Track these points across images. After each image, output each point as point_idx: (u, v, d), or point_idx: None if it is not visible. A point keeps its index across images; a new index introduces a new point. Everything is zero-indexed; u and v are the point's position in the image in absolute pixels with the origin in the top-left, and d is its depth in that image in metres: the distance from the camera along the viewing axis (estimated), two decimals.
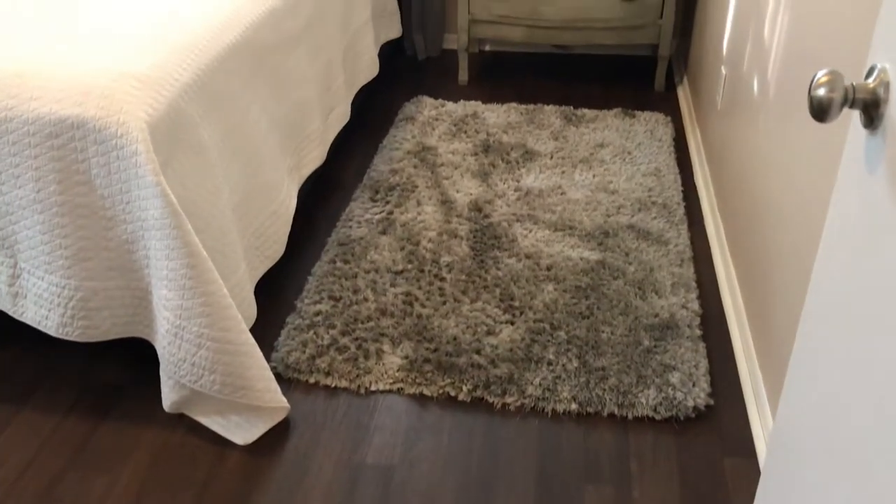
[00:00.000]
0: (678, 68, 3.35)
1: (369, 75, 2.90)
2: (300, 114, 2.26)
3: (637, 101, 3.12)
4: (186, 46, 1.76)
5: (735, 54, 2.25)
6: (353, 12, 2.75)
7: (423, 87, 3.29)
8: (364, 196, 2.47)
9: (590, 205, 2.40)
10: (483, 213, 2.37)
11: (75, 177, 1.59)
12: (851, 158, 0.89)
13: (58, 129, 1.56)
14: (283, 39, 2.15)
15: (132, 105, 1.56)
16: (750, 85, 2.04)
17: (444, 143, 2.76)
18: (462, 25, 3.17)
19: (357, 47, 2.79)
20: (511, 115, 2.95)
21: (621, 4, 3.00)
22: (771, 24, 1.87)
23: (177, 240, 1.57)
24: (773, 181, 1.77)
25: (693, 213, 2.42)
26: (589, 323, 1.94)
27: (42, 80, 1.59)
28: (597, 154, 2.67)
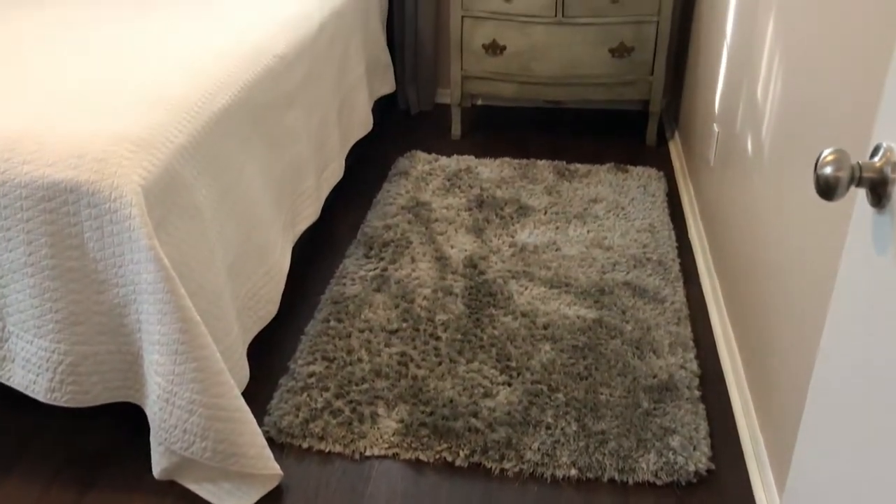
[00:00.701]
0: (669, 123, 3.38)
1: (363, 131, 2.91)
2: (295, 172, 2.25)
3: (629, 156, 3.14)
4: (182, 107, 1.76)
5: (728, 112, 2.26)
6: (348, 69, 2.76)
7: (417, 141, 3.30)
8: (358, 252, 2.46)
9: (585, 261, 2.39)
10: (478, 269, 2.36)
11: (67, 240, 1.57)
12: (858, 237, 0.88)
13: (51, 192, 1.54)
14: (278, 98, 2.15)
15: (127, 168, 1.55)
16: (744, 144, 2.05)
17: (438, 198, 2.75)
18: (455, 81, 3.19)
19: (351, 103, 2.81)
20: (504, 170, 2.96)
21: (612, 61, 3.03)
22: (764, 86, 1.88)
23: (169, 304, 1.54)
24: (769, 241, 1.76)
25: (688, 269, 2.41)
26: (587, 384, 1.91)
27: (36, 143, 1.57)
28: (591, 209, 2.67)
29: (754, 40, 2.00)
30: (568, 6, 2.96)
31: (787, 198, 1.65)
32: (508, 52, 3.08)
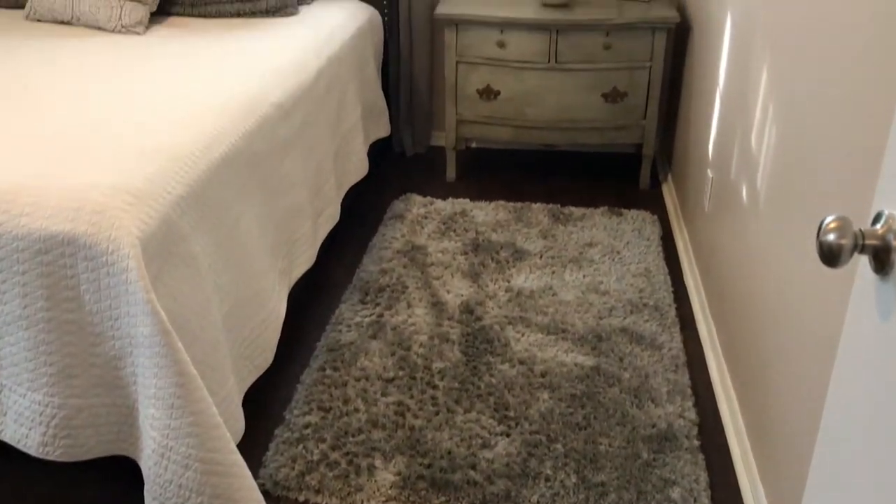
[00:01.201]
0: (662, 166, 3.40)
1: (359, 175, 2.92)
2: (291, 218, 2.25)
3: (623, 199, 3.15)
4: (180, 158, 1.76)
5: (722, 159, 2.28)
6: (344, 115, 2.78)
7: (412, 184, 3.32)
8: (353, 298, 2.45)
9: (581, 306, 2.39)
10: (475, 315, 2.35)
11: (63, 293, 1.56)
12: (861, 303, 0.89)
13: (48, 245, 1.53)
14: (275, 146, 2.16)
15: (124, 220, 1.54)
16: (738, 191, 2.07)
17: (434, 242, 2.76)
18: (450, 125, 3.21)
19: (347, 148, 2.82)
20: (499, 213, 2.97)
21: (605, 106, 3.06)
22: (759, 136, 1.90)
23: (166, 357, 1.53)
24: (765, 290, 1.77)
25: (685, 315, 2.41)
26: (586, 434, 1.90)
27: (33, 195, 1.57)
28: (586, 253, 2.68)
29: (748, 89, 2.03)
30: (561, 52, 2.99)
31: (784, 249, 1.66)
32: (503, 97, 3.11)
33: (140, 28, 2.66)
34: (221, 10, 2.83)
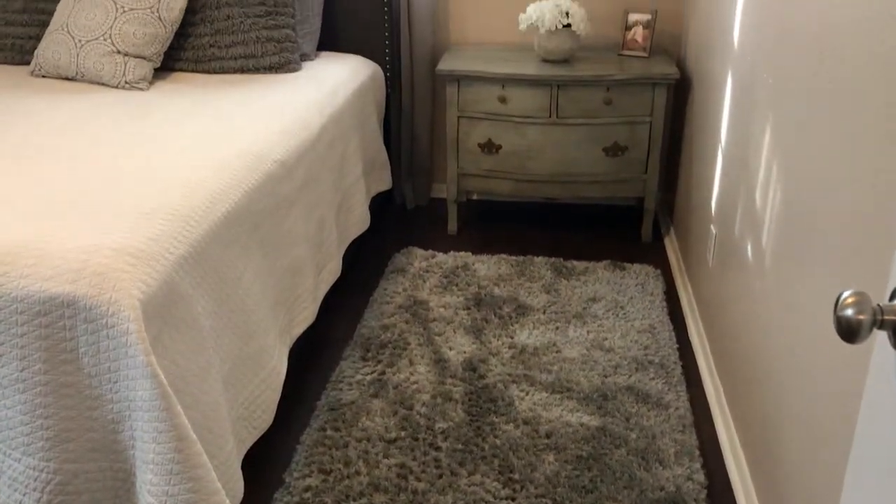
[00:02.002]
0: (664, 219, 3.40)
1: (360, 229, 2.91)
2: (293, 275, 2.23)
3: (625, 252, 3.14)
4: (182, 217, 1.75)
5: (725, 216, 2.28)
6: (347, 170, 2.78)
7: (413, 236, 3.31)
8: (355, 354, 2.42)
9: (586, 364, 2.36)
10: (478, 372, 2.32)
11: (62, 355, 1.53)
12: (881, 378, 0.87)
13: (47, 307, 1.51)
14: (278, 203, 2.15)
15: (126, 282, 1.53)
16: (743, 249, 2.05)
17: (436, 297, 2.74)
18: (451, 179, 3.22)
19: (349, 202, 2.82)
20: (502, 267, 2.95)
21: (606, 159, 3.07)
22: (763, 194, 1.90)
23: (165, 422, 1.50)
24: (772, 350, 1.75)
25: (690, 372, 2.38)
26: (593, 498, 1.85)
27: (34, 257, 1.55)
28: (590, 309, 2.66)
29: (750, 147, 2.03)
30: (562, 107, 3.01)
31: (791, 309, 1.64)
32: (504, 151, 3.12)
33: (144, 84, 2.68)
34: (225, 66, 2.86)
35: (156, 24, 2.71)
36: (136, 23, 2.69)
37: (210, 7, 2.84)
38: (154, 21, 2.71)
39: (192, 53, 2.85)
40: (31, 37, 2.94)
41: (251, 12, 2.84)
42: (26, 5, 2.95)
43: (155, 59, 2.74)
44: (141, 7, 2.71)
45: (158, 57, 2.75)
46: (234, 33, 2.84)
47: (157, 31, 2.71)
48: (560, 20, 2.98)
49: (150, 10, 2.71)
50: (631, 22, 3.18)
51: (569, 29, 3.02)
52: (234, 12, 2.84)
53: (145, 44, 2.69)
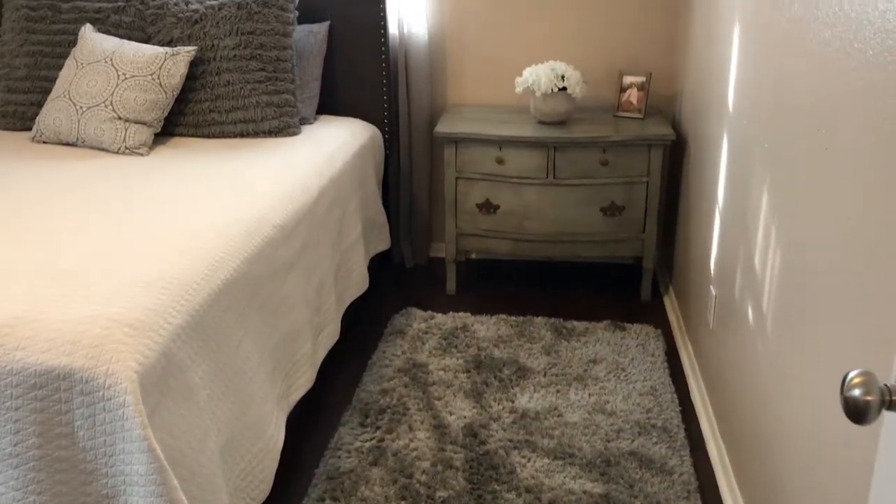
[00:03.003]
0: (663, 278, 3.40)
1: (359, 290, 2.90)
2: (291, 340, 2.22)
3: (625, 311, 3.13)
4: (181, 286, 1.74)
5: (724, 277, 2.28)
6: (346, 232, 2.79)
7: (412, 296, 3.30)
8: (353, 420, 2.39)
9: (588, 428, 2.33)
10: (478, 438, 2.29)
11: (57, 429, 1.51)
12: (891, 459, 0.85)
13: (43, 380, 1.49)
14: (277, 269, 2.15)
15: (123, 354, 1.51)
16: (744, 311, 2.05)
17: (435, 359, 2.71)
18: (450, 239, 3.23)
19: (348, 264, 2.81)
20: (501, 328, 2.94)
21: (604, 219, 3.08)
22: (762, 257, 1.90)
23: (161, 497, 1.47)
24: (775, 413, 1.72)
25: (694, 436, 2.35)
26: None
27: (30, 329, 1.54)
28: (591, 371, 2.63)
29: (748, 210, 2.04)
30: (559, 168, 3.04)
31: (794, 375, 1.63)
32: (502, 211, 3.14)
33: (144, 149, 2.70)
34: (224, 130, 2.88)
35: (157, 91, 2.74)
36: (137, 89, 2.72)
37: (210, 73, 2.88)
38: (155, 87, 2.74)
39: (192, 118, 2.88)
40: (32, 103, 2.97)
41: (251, 78, 2.88)
42: (29, 73, 2.99)
43: (155, 124, 2.76)
44: (142, 74, 2.75)
45: (159, 122, 2.77)
46: (235, 98, 2.87)
47: (157, 98, 2.74)
48: (556, 83, 3.03)
49: (151, 76, 2.75)
50: (626, 84, 3.22)
51: (564, 92, 3.06)
52: (235, 78, 2.88)
53: (146, 110, 2.72)
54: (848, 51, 1.38)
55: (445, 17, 3.38)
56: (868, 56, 1.30)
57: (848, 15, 1.39)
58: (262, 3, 2.91)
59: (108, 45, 2.84)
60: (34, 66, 2.99)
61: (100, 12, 3.04)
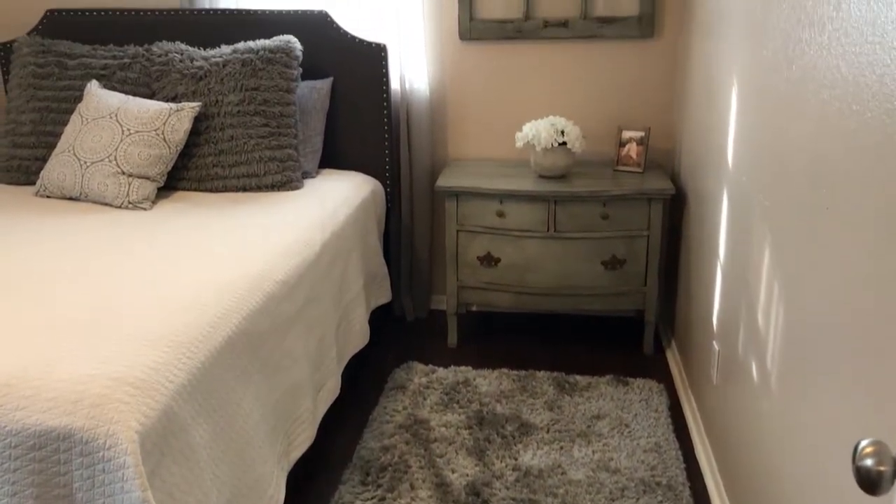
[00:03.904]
0: (665, 331, 3.39)
1: (360, 344, 2.89)
2: (292, 397, 2.20)
3: (627, 365, 3.12)
4: (183, 343, 1.74)
5: (727, 333, 2.27)
6: (347, 286, 2.79)
7: (413, 350, 3.28)
8: (354, 478, 2.35)
9: (592, 486, 2.29)
10: (481, 497, 2.25)
11: (55, 490, 1.49)
12: None
13: (42, 440, 1.48)
14: (279, 324, 2.14)
15: (124, 414, 1.50)
16: (747, 368, 2.04)
17: (437, 415, 2.69)
18: (451, 292, 3.22)
19: (349, 318, 2.80)
20: (503, 383, 2.92)
21: (605, 273, 3.09)
22: (765, 314, 1.89)
23: None
24: (782, 473, 1.70)
25: (699, 494, 2.32)
26: None
27: (31, 388, 1.53)
28: (594, 427, 2.61)
29: (749, 266, 2.04)
30: (560, 222, 3.05)
31: (800, 434, 1.61)
32: (503, 264, 3.14)
33: (147, 204, 2.71)
34: (227, 184, 2.90)
35: (161, 146, 2.77)
36: (141, 144, 2.75)
37: (214, 128, 2.91)
38: (159, 143, 2.77)
39: (195, 173, 2.90)
40: (37, 158, 3.00)
41: (255, 133, 2.91)
42: (35, 128, 3.02)
43: (159, 179, 2.78)
44: (146, 129, 2.78)
45: (162, 177, 2.79)
46: (238, 153, 2.90)
47: (161, 153, 2.77)
48: (556, 138, 3.06)
49: (155, 132, 2.78)
50: (625, 138, 3.26)
51: (564, 146, 3.09)
52: (238, 133, 2.91)
53: (150, 164, 2.74)
54: (846, 112, 1.40)
55: (446, 72, 3.44)
56: (867, 118, 1.31)
57: (846, 78, 1.41)
58: (267, 60, 2.95)
59: (114, 101, 2.87)
60: (40, 121, 3.03)
61: (106, 69, 3.09)
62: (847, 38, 1.41)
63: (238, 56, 2.98)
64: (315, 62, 3.23)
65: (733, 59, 2.29)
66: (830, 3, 1.49)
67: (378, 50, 3.23)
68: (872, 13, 1.30)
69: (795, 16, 1.70)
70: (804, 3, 1.65)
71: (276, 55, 2.97)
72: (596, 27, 3.27)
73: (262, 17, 3.23)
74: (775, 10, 1.86)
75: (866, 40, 1.32)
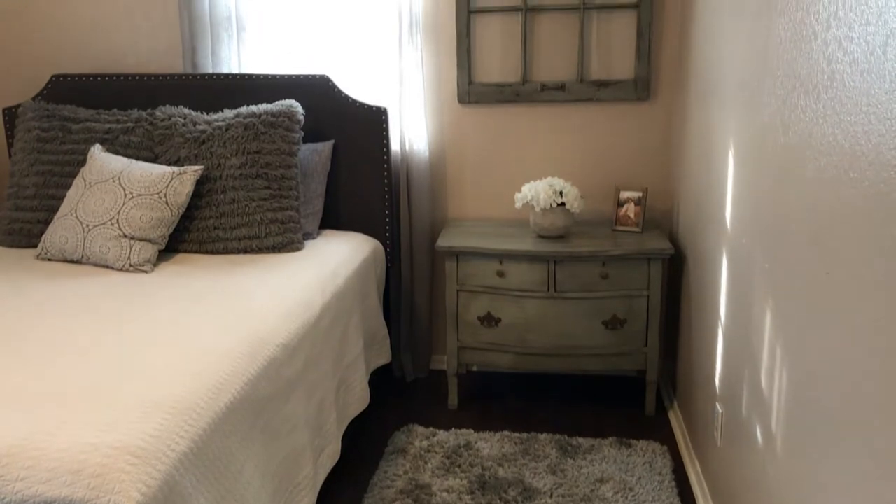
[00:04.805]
0: (666, 391, 3.37)
1: (360, 407, 2.86)
2: (293, 463, 2.17)
3: (630, 426, 3.09)
4: (184, 410, 1.72)
5: (730, 395, 2.26)
6: (347, 348, 2.78)
7: (413, 411, 3.26)
8: None
9: None
10: None
11: None
12: None
13: None
14: (279, 389, 2.13)
15: (125, 484, 1.48)
16: (752, 431, 2.02)
17: (438, 480, 2.65)
18: (451, 352, 3.21)
19: (349, 381, 2.79)
20: (505, 446, 2.88)
21: (606, 333, 3.08)
22: (768, 377, 1.89)
23: None
24: None
25: None
26: None
27: (31, 458, 1.51)
28: (598, 491, 2.57)
29: (751, 328, 2.04)
30: (560, 282, 3.06)
31: (807, 499, 1.59)
32: (503, 324, 3.14)
33: (148, 266, 2.72)
34: (229, 247, 2.92)
35: (163, 209, 2.79)
36: (143, 207, 2.77)
37: (216, 191, 2.94)
38: (161, 205, 2.79)
39: (196, 235, 2.92)
40: (39, 221, 3.01)
41: (256, 195, 2.94)
42: (38, 191, 3.05)
43: (160, 241, 2.79)
44: (149, 192, 2.80)
45: (164, 240, 2.81)
46: (239, 215, 2.92)
47: (163, 215, 2.79)
48: (554, 199, 3.09)
49: (158, 195, 2.80)
50: (623, 199, 3.29)
51: (563, 207, 3.12)
52: (240, 196, 2.93)
53: (151, 227, 2.76)
54: (844, 180, 1.42)
55: (446, 134, 3.49)
56: (865, 186, 1.33)
57: (842, 146, 1.43)
58: (269, 124, 3.00)
59: (117, 165, 2.90)
60: (43, 184, 3.06)
61: (109, 133, 3.13)
62: (842, 106, 1.44)
63: (241, 120, 3.02)
64: (317, 125, 3.27)
65: (730, 122, 2.33)
66: (825, 73, 1.53)
67: (378, 113, 3.28)
68: (866, 84, 1.33)
69: (790, 84, 1.74)
70: (798, 71, 1.68)
71: (278, 119, 3.01)
72: (593, 90, 3.33)
73: (265, 82, 3.29)
74: (770, 78, 1.90)
75: (861, 110, 1.35)
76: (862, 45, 1.35)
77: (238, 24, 3.42)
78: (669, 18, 3.28)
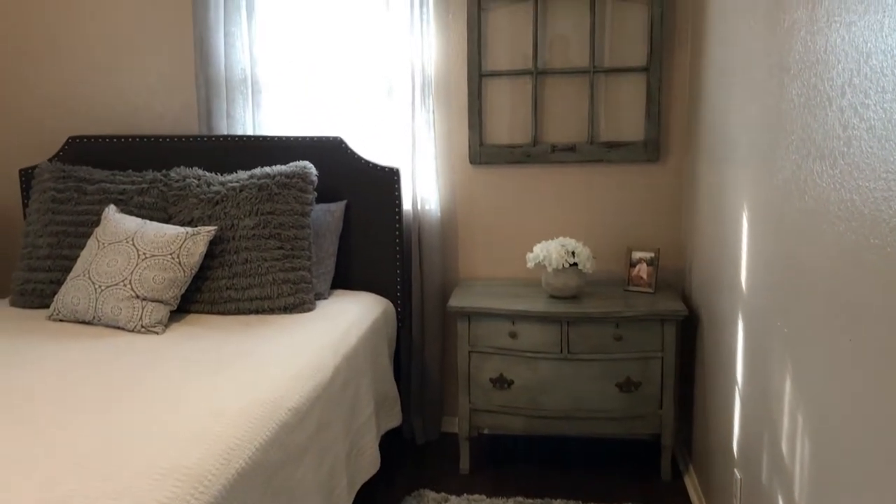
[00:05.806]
0: (682, 455, 3.30)
1: (371, 471, 2.81)
2: None
3: (645, 492, 3.02)
4: (195, 477, 1.69)
5: (749, 461, 2.21)
6: (358, 410, 2.74)
7: (424, 475, 3.20)
8: None
9: None
10: None
11: None
12: None
13: None
14: (291, 454, 2.09)
15: None
16: (773, 498, 1.97)
17: None
18: (463, 415, 3.17)
19: (360, 444, 2.74)
20: None
21: (620, 395, 3.04)
22: (789, 444, 1.85)
23: None
24: None
25: None
26: None
27: None
28: None
29: (770, 393, 2.01)
30: (573, 343, 3.03)
31: None
32: (516, 387, 3.10)
33: (159, 328, 2.71)
34: (240, 307, 2.91)
35: (175, 269, 2.79)
36: (156, 268, 2.77)
37: (229, 252, 2.94)
38: (174, 266, 2.79)
39: (208, 296, 2.91)
40: (52, 282, 3.02)
41: (269, 256, 2.94)
42: (51, 252, 3.06)
43: (172, 302, 2.79)
44: (162, 253, 2.81)
45: (176, 300, 2.80)
46: (252, 276, 2.92)
47: (176, 276, 2.79)
48: (566, 259, 3.08)
49: (170, 255, 2.80)
50: (635, 259, 3.28)
51: (575, 267, 3.11)
52: (253, 256, 2.93)
53: (164, 288, 2.76)
54: (865, 246, 1.41)
55: (457, 195, 3.50)
56: (887, 252, 1.32)
57: (861, 212, 1.43)
58: (283, 185, 3.02)
59: (131, 226, 2.92)
60: (56, 245, 3.07)
61: (123, 193, 3.15)
62: (860, 172, 1.43)
63: (255, 181, 3.04)
64: (330, 186, 3.30)
65: (742, 184, 2.33)
66: (840, 139, 1.53)
67: (391, 174, 3.30)
68: (885, 151, 1.33)
69: (805, 148, 1.74)
70: (813, 136, 1.69)
71: (292, 180, 3.03)
72: (603, 152, 3.35)
73: (279, 143, 3.32)
74: (784, 142, 1.90)
75: (879, 176, 1.35)
76: (878, 111, 1.35)
77: (254, 87, 3.47)
78: (678, 80, 3.31)
